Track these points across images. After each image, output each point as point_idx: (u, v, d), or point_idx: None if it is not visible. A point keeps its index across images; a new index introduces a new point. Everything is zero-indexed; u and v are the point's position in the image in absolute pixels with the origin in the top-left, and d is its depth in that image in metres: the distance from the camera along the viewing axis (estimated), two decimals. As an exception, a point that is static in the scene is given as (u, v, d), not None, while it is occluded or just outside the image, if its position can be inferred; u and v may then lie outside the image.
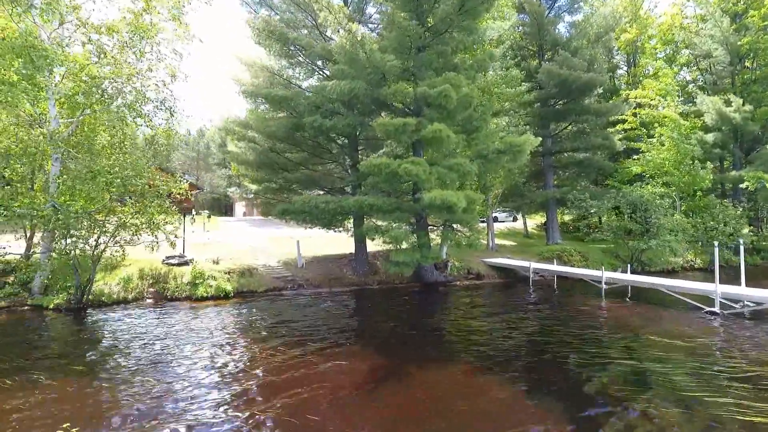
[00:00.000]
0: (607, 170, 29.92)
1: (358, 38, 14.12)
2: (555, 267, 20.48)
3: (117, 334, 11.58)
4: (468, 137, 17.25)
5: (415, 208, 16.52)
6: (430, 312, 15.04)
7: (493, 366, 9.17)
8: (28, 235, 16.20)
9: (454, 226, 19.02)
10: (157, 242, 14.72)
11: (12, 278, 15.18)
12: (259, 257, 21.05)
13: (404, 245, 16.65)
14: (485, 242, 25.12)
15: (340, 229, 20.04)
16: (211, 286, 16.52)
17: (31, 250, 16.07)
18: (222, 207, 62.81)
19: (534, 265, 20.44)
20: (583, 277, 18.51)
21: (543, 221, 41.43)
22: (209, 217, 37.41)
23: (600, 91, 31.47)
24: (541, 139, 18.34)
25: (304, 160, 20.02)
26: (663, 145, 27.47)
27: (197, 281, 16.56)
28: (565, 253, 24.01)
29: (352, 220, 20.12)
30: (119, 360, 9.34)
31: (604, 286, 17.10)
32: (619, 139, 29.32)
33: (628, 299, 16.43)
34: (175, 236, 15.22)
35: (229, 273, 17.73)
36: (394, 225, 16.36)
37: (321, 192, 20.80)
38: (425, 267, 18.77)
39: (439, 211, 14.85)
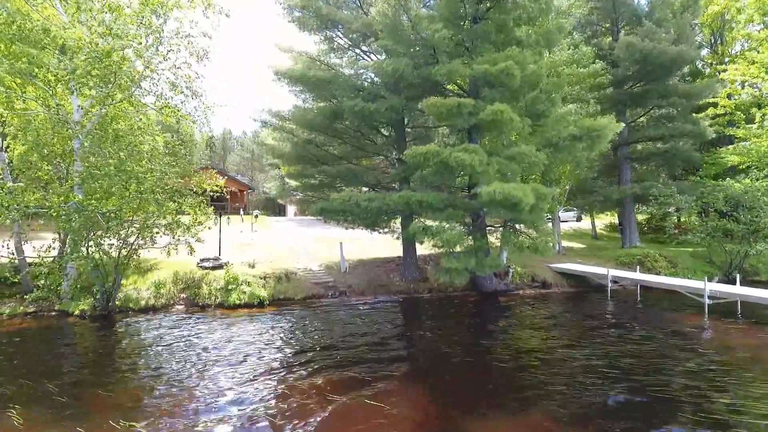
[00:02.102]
0: (695, 162, 25.78)
1: (402, 2, 11.96)
2: (639, 275, 17.29)
3: (130, 350, 10.22)
4: (533, 122, 14.62)
5: (471, 205, 14.13)
6: (490, 331, 12.62)
7: (578, 419, 6.75)
8: (61, 235, 15.48)
9: (517, 226, 16.44)
10: (176, 247, 13.39)
11: (42, 281, 14.49)
12: (300, 259, 19.55)
13: (458, 249, 14.34)
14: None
15: (386, 230, 18.01)
16: (244, 293, 15.10)
17: (64, 252, 15.33)
18: (275, 207, 62.85)
19: (613, 272, 17.37)
20: (678, 288, 15.26)
21: (612, 221, 37.46)
22: (256, 217, 36.81)
23: (686, 70, 27.27)
24: (623, 123, 15.32)
25: (345, 153, 18.15)
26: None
27: (230, 287, 15.19)
28: (648, 258, 20.57)
29: (399, 220, 18.06)
30: (124, 385, 7.85)
31: (708, 301, 13.89)
32: (708, 126, 25.15)
33: (739, 318, 13.22)
34: (196, 240, 13.84)
35: (264, 278, 16.26)
36: (445, 225, 14.04)
37: (366, 189, 18.90)
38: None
39: (501, 208, 12.37)
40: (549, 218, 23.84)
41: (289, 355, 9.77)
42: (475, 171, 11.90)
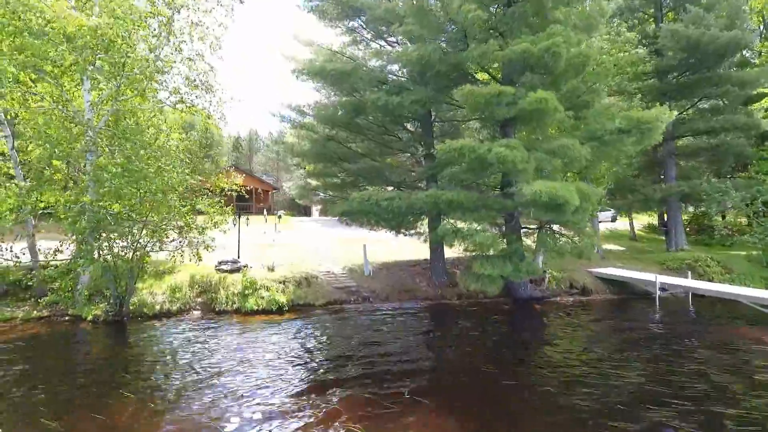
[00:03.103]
0: (748, 157, 23.66)
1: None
2: (692, 282, 15.69)
3: (136, 363, 9.47)
4: (575, 114, 13.27)
5: (506, 206, 12.88)
6: (527, 346, 11.33)
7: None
8: (76, 237, 15.03)
9: (555, 228, 15.11)
10: (181, 251, 12.73)
11: (56, 285, 14.03)
12: (322, 262, 18.68)
13: (491, 252, 13.13)
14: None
15: (412, 231, 16.91)
16: (263, 298, 14.30)
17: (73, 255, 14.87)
18: (300, 207, 62.57)
19: (661, 278, 15.80)
20: (740, 298, 13.63)
21: (651, 221, 35.42)
22: (280, 217, 36.34)
23: (737, 58, 25.12)
24: (676, 113, 13.81)
25: (368, 150, 17.09)
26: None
27: (247, 292, 14.42)
28: (699, 262, 18.80)
29: (426, 222, 16.95)
30: (121, 406, 7.06)
31: (776, 313, 12.32)
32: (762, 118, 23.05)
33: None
34: (205, 247, 13.16)
35: (284, 282, 15.41)
36: (477, 227, 12.85)
37: (390, 188, 17.84)
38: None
39: (543, 209, 11.12)
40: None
41: (306, 373, 8.81)
42: (515, 168, 10.67)
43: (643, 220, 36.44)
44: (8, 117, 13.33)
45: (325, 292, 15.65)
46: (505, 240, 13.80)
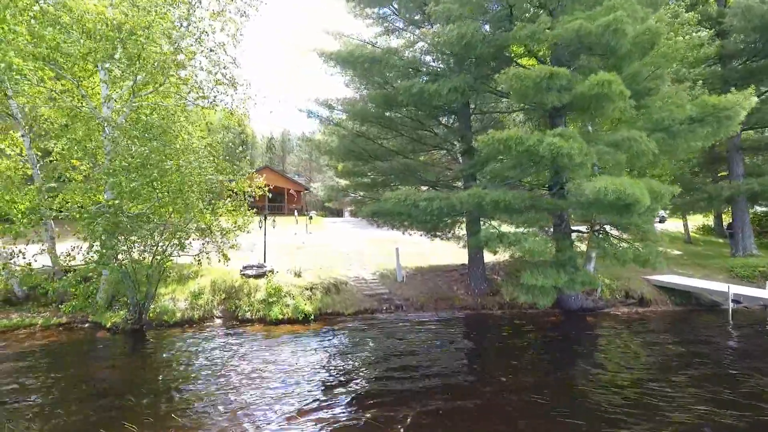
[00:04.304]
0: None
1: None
2: (772, 293, 13.69)
3: (148, 379, 8.61)
4: (636, 103, 11.61)
5: (557, 206, 11.36)
6: (580, 366, 9.70)
7: None
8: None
9: (612, 231, 13.48)
10: (207, 255, 11.87)
11: (76, 290, 13.50)
12: (352, 266, 17.68)
13: (540, 259, 11.65)
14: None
15: (449, 234, 15.58)
16: (288, 306, 13.38)
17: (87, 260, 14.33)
18: (333, 207, 61.87)
19: (735, 288, 13.84)
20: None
21: (705, 222, 32.72)
22: (311, 218, 35.67)
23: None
24: (757, 98, 11.92)
25: (401, 147, 15.82)
26: None
27: (272, 299, 13.51)
28: (777, 270, 16.61)
29: (464, 225, 15.57)
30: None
31: None
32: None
33: None
34: (231, 246, 12.29)
35: (311, 289, 14.44)
36: (525, 231, 11.40)
37: (424, 188, 16.53)
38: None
39: (608, 210, 9.57)
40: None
41: (330, 399, 7.70)
42: (572, 161, 9.17)
43: (695, 220, 33.73)
44: (31, 116, 12.91)
45: (355, 300, 14.59)
46: (553, 245, 12.28)
